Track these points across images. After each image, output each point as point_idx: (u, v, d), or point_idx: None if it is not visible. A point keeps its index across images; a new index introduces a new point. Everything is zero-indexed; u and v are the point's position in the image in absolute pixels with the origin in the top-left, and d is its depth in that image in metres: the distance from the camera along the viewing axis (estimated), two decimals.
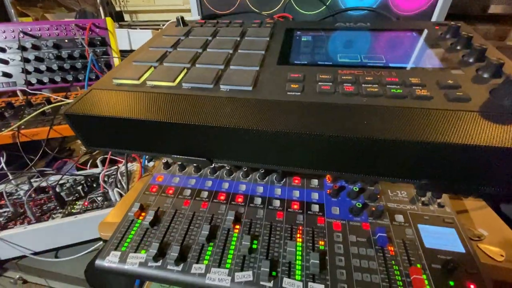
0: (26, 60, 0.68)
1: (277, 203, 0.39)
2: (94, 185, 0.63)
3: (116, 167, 0.65)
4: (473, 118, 0.24)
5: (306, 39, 0.37)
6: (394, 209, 0.37)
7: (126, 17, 1.17)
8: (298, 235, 0.35)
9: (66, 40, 0.71)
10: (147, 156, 0.55)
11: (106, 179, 0.64)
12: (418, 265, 0.31)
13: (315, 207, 0.38)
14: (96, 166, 0.70)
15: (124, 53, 0.88)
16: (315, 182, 0.42)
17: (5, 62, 0.68)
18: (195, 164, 0.44)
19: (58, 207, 0.57)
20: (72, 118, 0.28)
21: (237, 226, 0.36)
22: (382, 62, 0.33)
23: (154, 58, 0.35)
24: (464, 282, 0.29)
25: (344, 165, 0.29)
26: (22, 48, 0.68)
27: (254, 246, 0.34)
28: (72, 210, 0.56)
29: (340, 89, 0.28)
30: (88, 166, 0.71)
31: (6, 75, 0.69)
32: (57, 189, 0.60)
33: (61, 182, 0.63)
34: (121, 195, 0.57)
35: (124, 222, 0.38)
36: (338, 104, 0.27)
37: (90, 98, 0.30)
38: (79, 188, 0.60)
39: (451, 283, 0.29)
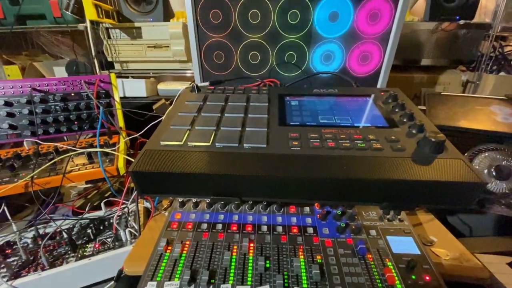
0: (33, 113, 0.74)
1: (280, 229, 0.49)
2: (101, 227, 0.67)
3: (124, 206, 0.70)
4: (407, 162, 0.38)
5: (294, 104, 0.51)
6: (368, 226, 0.49)
7: (117, 66, 1.27)
8: (300, 253, 0.44)
9: (73, 94, 0.78)
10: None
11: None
12: (390, 266, 0.42)
13: (310, 230, 0.49)
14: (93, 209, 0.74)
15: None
16: (307, 209, 0.53)
17: (12, 115, 0.74)
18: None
19: (70, 251, 0.60)
20: (135, 174, 0.37)
21: (251, 250, 0.45)
22: (349, 122, 0.47)
23: (187, 122, 0.45)
24: (422, 275, 0.41)
25: (331, 196, 0.40)
26: (31, 102, 0.74)
27: (267, 265, 0.43)
28: (84, 253, 0.60)
29: (325, 145, 0.41)
30: (87, 209, 0.74)
31: (12, 127, 0.74)
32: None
33: (67, 227, 0.66)
34: (131, 235, 0.62)
35: (154, 256, 0.45)
36: (325, 156, 0.39)
37: (146, 157, 0.38)
38: (89, 231, 0.64)
39: (413, 276, 0.41)
